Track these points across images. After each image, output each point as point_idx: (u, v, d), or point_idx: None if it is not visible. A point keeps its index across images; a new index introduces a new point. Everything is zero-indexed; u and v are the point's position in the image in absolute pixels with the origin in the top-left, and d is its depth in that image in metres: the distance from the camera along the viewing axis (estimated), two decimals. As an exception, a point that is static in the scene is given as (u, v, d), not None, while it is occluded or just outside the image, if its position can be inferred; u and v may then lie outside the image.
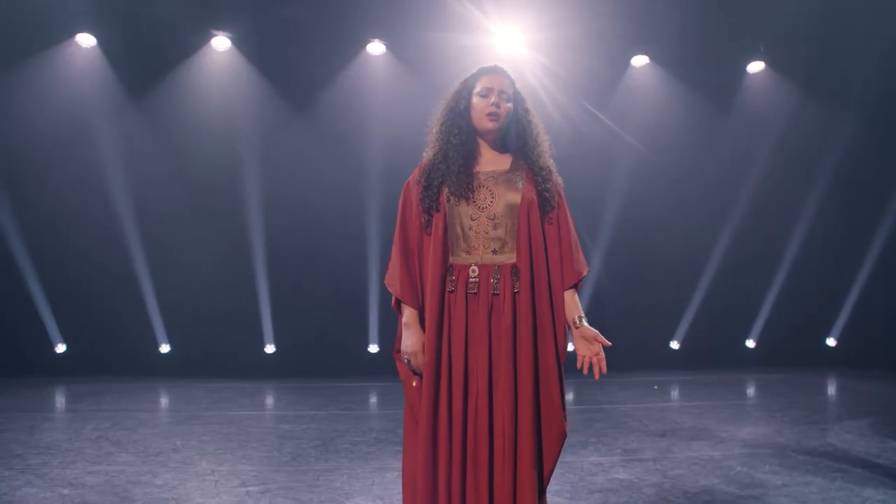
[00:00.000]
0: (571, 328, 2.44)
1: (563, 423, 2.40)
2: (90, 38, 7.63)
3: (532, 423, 2.33)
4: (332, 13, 7.75)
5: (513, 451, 2.32)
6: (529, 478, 2.30)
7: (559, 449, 2.40)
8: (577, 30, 7.79)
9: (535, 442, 2.34)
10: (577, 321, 2.42)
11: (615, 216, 8.42)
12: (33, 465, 4.26)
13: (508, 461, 2.32)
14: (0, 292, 7.76)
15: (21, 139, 7.54)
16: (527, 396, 2.34)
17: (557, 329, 2.43)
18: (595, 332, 2.41)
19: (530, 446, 2.31)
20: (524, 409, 2.33)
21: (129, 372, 7.89)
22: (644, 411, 6.14)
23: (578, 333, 2.42)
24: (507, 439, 2.32)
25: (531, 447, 2.32)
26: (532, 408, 2.34)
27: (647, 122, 8.42)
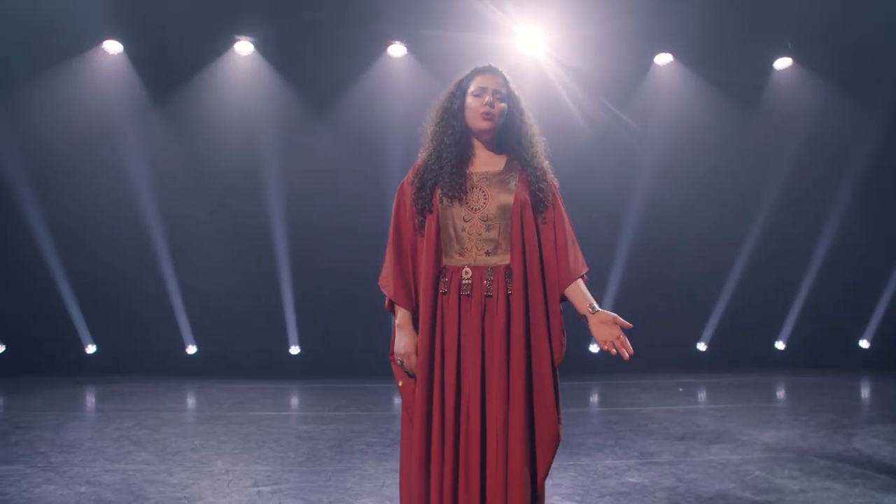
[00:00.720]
0: (587, 316, 2.38)
1: (556, 427, 2.37)
2: (117, 44, 7.77)
3: (524, 426, 2.30)
4: (353, 16, 7.81)
5: (504, 454, 2.30)
6: (520, 481, 2.28)
7: (553, 453, 2.38)
8: (598, 29, 7.72)
9: (527, 445, 2.31)
10: (591, 308, 2.38)
11: (638, 216, 8.32)
12: (55, 462, 4.35)
13: (500, 464, 2.30)
14: (32, 293, 7.93)
15: (50, 143, 7.71)
16: (519, 399, 2.32)
17: (552, 332, 2.41)
18: (613, 316, 2.36)
19: (521, 449, 2.29)
20: (516, 412, 2.31)
21: (156, 372, 8.01)
22: (666, 414, 6.05)
23: (596, 319, 2.36)
24: (499, 442, 2.30)
25: (522, 450, 2.29)
26: (524, 411, 2.32)
27: (671, 121, 8.31)
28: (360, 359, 8.28)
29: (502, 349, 2.34)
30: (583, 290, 2.43)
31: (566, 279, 2.43)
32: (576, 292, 2.42)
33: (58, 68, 7.66)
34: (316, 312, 8.32)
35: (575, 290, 2.43)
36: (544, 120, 8.53)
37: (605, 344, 2.35)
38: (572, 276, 2.43)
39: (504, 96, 2.47)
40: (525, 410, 2.32)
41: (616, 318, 2.35)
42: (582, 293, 2.42)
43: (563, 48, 7.90)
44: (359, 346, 8.31)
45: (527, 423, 2.32)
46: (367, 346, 8.31)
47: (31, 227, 7.67)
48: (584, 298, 2.41)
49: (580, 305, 2.41)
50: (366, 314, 8.30)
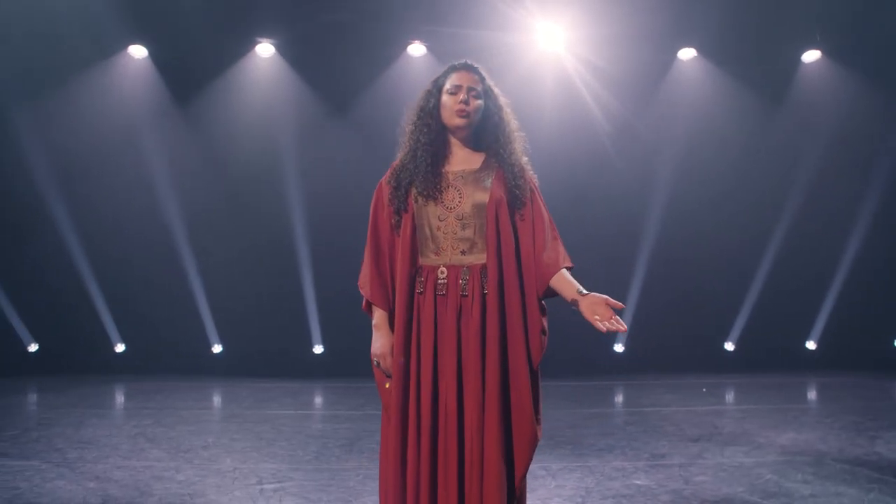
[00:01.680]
0: (578, 300, 2.29)
1: (534, 427, 2.34)
2: (142, 49, 7.94)
3: (499, 426, 2.28)
4: (372, 16, 7.82)
5: (480, 454, 2.27)
6: (496, 481, 2.25)
7: (530, 453, 2.34)
8: (620, 25, 7.60)
9: (503, 445, 2.29)
10: (579, 292, 2.30)
11: (660, 214, 8.18)
12: (70, 458, 4.45)
13: (476, 464, 2.28)
14: (62, 293, 8.13)
15: (77, 146, 7.91)
16: (494, 399, 2.29)
17: (530, 332, 2.37)
18: (604, 297, 2.27)
19: (497, 449, 2.26)
20: (491, 412, 2.28)
21: (183, 371, 8.16)
22: (685, 415, 5.94)
23: (587, 301, 2.27)
24: (475, 443, 2.28)
25: (498, 450, 2.27)
26: (499, 411, 2.29)
27: (694, 117, 8.15)
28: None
29: (477, 349, 2.31)
30: (569, 279, 2.36)
31: (548, 272, 2.36)
32: (561, 282, 2.36)
33: (85, 73, 7.85)
34: (339, 311, 8.36)
35: (560, 280, 2.36)
36: (564, 118, 8.52)
37: (597, 322, 2.25)
38: (554, 268, 2.36)
39: (480, 93, 2.45)
40: (500, 410, 2.29)
41: (607, 299, 2.27)
42: (568, 281, 2.35)
43: (584, 45, 7.81)
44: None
45: (502, 423, 2.29)
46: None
47: (60, 227, 7.87)
48: (571, 285, 2.34)
49: (568, 292, 2.33)
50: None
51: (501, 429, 2.29)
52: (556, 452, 4.69)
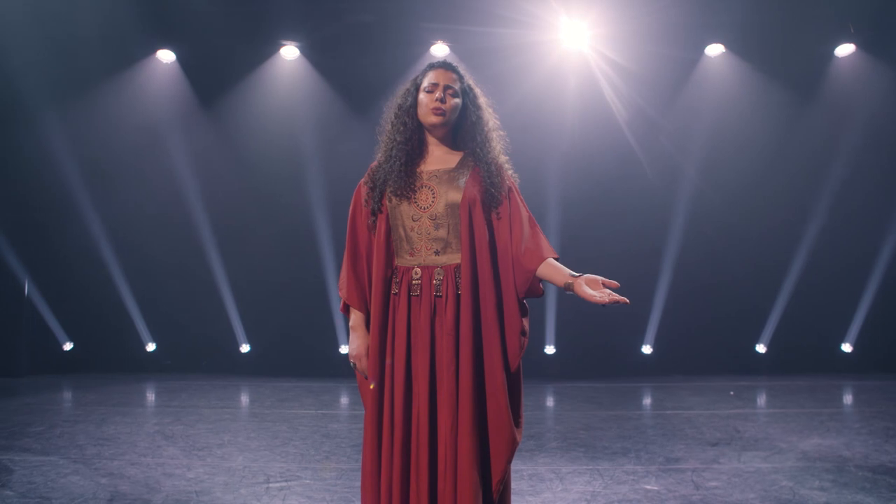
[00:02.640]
0: (572, 282, 2.22)
1: (511, 431, 2.28)
2: (170, 53, 8.09)
3: (472, 429, 2.23)
4: (395, 17, 7.85)
5: (453, 457, 2.25)
6: (469, 485, 2.21)
7: (507, 457, 2.28)
8: (646, 21, 7.50)
9: (477, 448, 2.24)
10: (571, 275, 2.25)
11: (687, 215, 8.03)
12: (88, 455, 4.55)
13: (450, 468, 2.25)
14: (95, 293, 8.33)
15: (108, 148, 8.11)
16: (467, 401, 2.25)
17: (507, 333, 2.32)
18: (600, 278, 2.21)
19: (470, 453, 2.22)
20: (464, 415, 2.24)
21: (213, 369, 8.30)
22: (707, 418, 5.81)
23: (581, 281, 2.21)
24: (448, 446, 2.25)
25: (471, 454, 2.22)
26: (472, 414, 2.25)
27: (722, 115, 7.98)
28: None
29: (451, 350, 2.28)
30: (557, 265, 2.30)
31: (531, 262, 2.30)
32: (549, 269, 2.29)
33: (115, 77, 8.05)
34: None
35: (547, 267, 2.29)
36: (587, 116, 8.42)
37: (595, 297, 2.17)
38: (538, 257, 2.30)
39: (457, 92, 2.42)
40: (473, 413, 2.25)
41: (603, 279, 2.21)
42: (556, 267, 2.29)
43: (609, 43, 7.71)
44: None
45: (475, 426, 2.25)
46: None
47: (91, 228, 8.06)
48: (561, 270, 2.28)
49: (559, 277, 2.27)
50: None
51: (475, 432, 2.25)
52: (569, 455, 4.63)
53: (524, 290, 2.35)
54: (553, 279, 2.29)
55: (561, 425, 5.76)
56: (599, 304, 2.17)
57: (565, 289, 2.26)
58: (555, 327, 8.44)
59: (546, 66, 7.89)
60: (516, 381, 2.36)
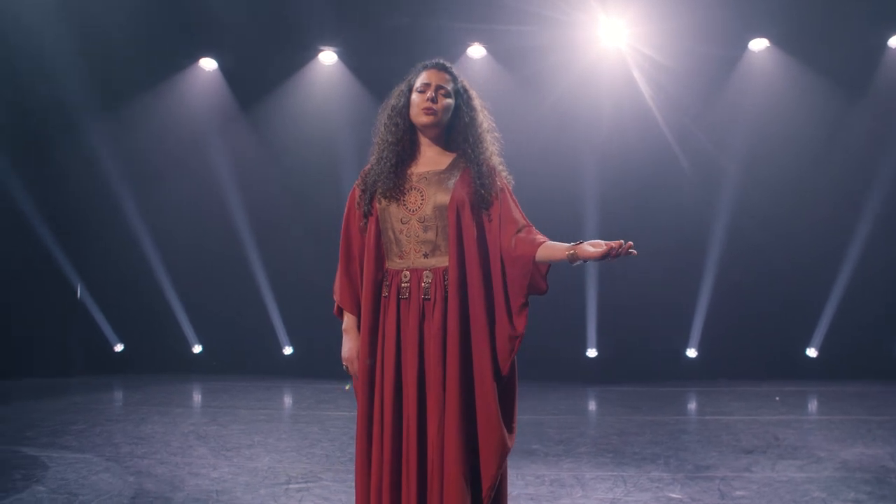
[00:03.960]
0: (575, 249, 2.15)
1: (501, 436, 2.23)
2: (212, 62, 8.31)
3: (459, 434, 2.20)
4: (432, 20, 7.85)
5: (440, 461, 2.22)
6: (456, 491, 2.18)
7: (497, 462, 2.23)
8: (687, 17, 7.31)
9: (464, 453, 2.20)
10: (571, 246, 2.17)
11: (729, 216, 7.79)
12: (121, 453, 4.67)
13: (436, 474, 2.22)
14: (144, 296, 8.58)
15: (153, 155, 8.37)
16: (454, 405, 2.22)
17: (497, 336, 2.28)
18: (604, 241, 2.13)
19: (457, 457, 2.19)
20: (451, 419, 2.21)
21: (256, 371, 8.44)
22: (746, 424, 5.63)
23: (585, 244, 2.14)
24: (436, 450, 2.22)
25: (458, 458, 2.19)
26: (459, 418, 2.21)
27: (768, 111, 7.72)
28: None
29: (438, 354, 2.25)
30: (553, 244, 2.23)
31: (527, 251, 2.24)
32: (547, 249, 2.23)
33: (161, 85, 8.33)
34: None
35: (545, 249, 2.23)
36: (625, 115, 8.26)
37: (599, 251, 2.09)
38: (532, 244, 2.24)
39: (449, 92, 2.39)
40: (460, 417, 2.21)
41: (608, 243, 2.11)
42: (553, 246, 2.22)
43: (648, 40, 7.55)
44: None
45: (462, 431, 2.21)
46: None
47: (137, 233, 8.31)
48: (559, 246, 2.21)
49: (559, 251, 2.19)
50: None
51: (462, 436, 2.21)
52: (596, 460, 4.55)
53: (524, 283, 2.27)
54: (553, 256, 2.23)
55: (593, 430, 5.66)
56: (602, 256, 2.09)
57: (570, 260, 2.18)
58: (596, 330, 8.30)
59: (583, 64, 7.78)
60: (509, 385, 2.32)
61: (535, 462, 4.51)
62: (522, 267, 2.27)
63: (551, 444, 5.03)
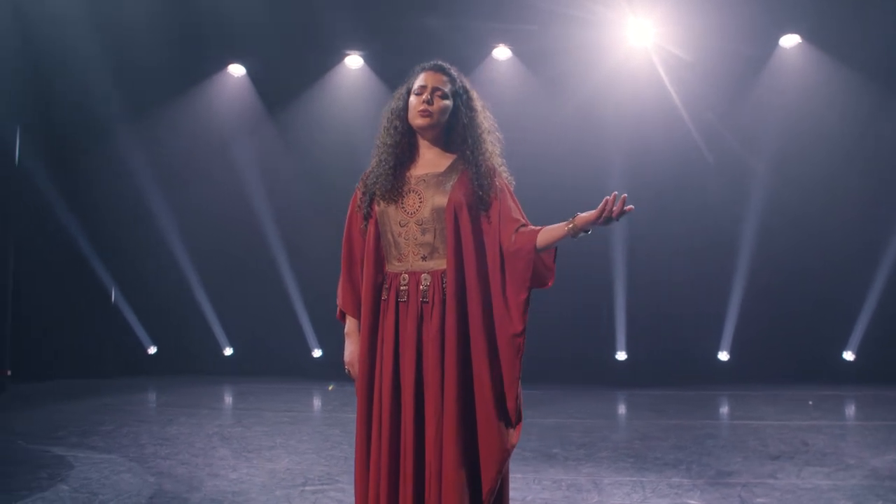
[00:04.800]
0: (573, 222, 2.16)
1: (502, 440, 2.20)
2: (240, 67, 8.45)
3: (457, 438, 2.17)
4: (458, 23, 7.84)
5: (438, 465, 2.20)
6: (455, 495, 2.16)
7: (498, 467, 2.20)
8: (715, 14, 7.20)
9: (463, 458, 2.18)
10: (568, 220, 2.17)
11: (760, 217, 7.63)
12: (145, 454, 4.75)
13: (434, 478, 2.20)
14: (177, 299, 8.73)
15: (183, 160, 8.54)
16: (451, 409, 2.20)
17: (499, 339, 2.25)
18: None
19: (455, 463, 2.16)
20: (449, 424, 2.19)
21: (288, 374, 8.52)
22: (775, 429, 5.49)
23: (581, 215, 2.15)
24: (433, 454, 2.20)
25: (456, 463, 2.16)
26: (457, 422, 2.19)
27: (800, 109, 7.55)
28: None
29: (436, 357, 2.24)
30: (550, 227, 2.22)
31: (527, 243, 2.22)
32: (547, 234, 2.22)
33: (191, 90, 8.53)
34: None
35: (545, 234, 2.22)
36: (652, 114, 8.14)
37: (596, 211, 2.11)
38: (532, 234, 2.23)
39: (447, 93, 2.37)
40: (458, 421, 2.19)
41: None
42: (551, 228, 2.22)
43: (676, 39, 7.44)
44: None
45: (460, 435, 2.19)
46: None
47: (169, 237, 8.47)
48: (557, 225, 2.20)
49: (559, 230, 2.19)
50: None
51: (460, 441, 2.19)
52: (616, 465, 4.48)
53: (527, 276, 2.24)
54: (555, 236, 2.21)
55: (617, 434, 5.58)
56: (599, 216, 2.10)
57: (571, 234, 2.17)
58: (626, 332, 8.20)
59: (610, 64, 7.70)
60: (505, 387, 2.28)
61: (555, 466, 4.46)
62: (524, 258, 2.24)
63: (573, 447, 4.98)
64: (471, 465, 2.22)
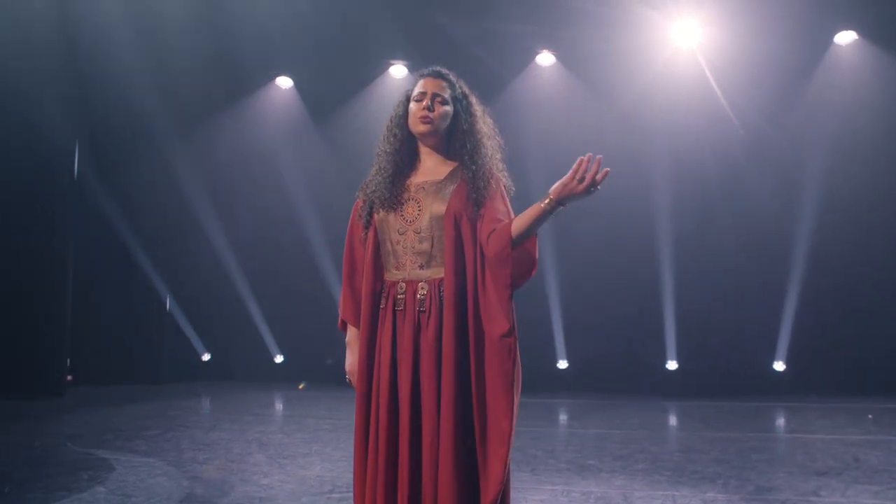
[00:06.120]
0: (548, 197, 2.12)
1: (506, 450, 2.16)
2: (288, 80, 8.62)
3: (455, 452, 2.14)
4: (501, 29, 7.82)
5: (434, 477, 2.16)
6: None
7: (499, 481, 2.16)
8: (766, 11, 6.97)
9: (461, 470, 2.14)
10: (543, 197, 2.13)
11: (815, 217, 7.32)
12: (184, 459, 4.85)
13: (430, 489, 2.17)
14: (227, 308, 8.95)
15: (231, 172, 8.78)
16: (449, 419, 2.16)
17: (488, 340, 2.21)
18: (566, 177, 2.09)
19: (452, 473, 2.13)
20: (446, 433, 2.15)
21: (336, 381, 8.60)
22: (827, 443, 5.24)
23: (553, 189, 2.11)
24: (429, 465, 2.17)
25: (453, 474, 2.13)
26: (454, 432, 2.15)
27: (856, 109, 7.24)
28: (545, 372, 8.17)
29: (432, 367, 2.21)
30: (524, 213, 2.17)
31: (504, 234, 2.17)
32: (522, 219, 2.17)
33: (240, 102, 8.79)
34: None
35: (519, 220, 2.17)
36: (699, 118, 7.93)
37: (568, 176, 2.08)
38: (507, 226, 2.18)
39: (447, 99, 2.35)
40: (455, 431, 2.15)
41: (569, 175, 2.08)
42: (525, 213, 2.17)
43: (723, 40, 7.24)
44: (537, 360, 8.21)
45: (458, 450, 2.15)
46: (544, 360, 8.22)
47: (219, 248, 8.69)
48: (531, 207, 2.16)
49: (533, 208, 2.14)
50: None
51: (458, 452, 2.15)
52: (651, 478, 4.34)
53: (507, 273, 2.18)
54: (530, 216, 2.16)
55: (658, 446, 5.42)
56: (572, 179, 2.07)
57: (549, 209, 2.12)
58: (675, 340, 7.99)
59: (656, 67, 7.54)
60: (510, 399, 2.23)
61: (587, 478, 4.36)
62: (502, 250, 2.18)
63: (609, 459, 4.86)
64: (470, 476, 2.18)
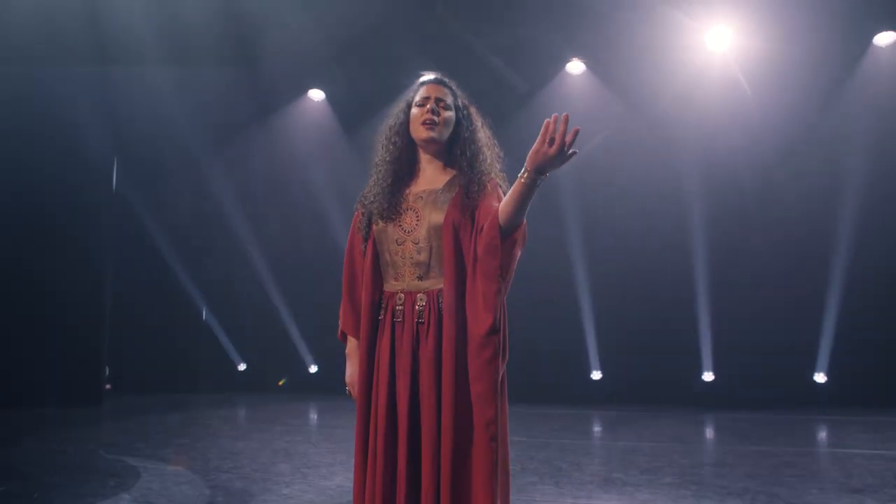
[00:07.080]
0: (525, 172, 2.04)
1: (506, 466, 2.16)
2: (320, 92, 8.75)
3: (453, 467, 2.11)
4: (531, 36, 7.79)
5: (435, 490, 2.13)
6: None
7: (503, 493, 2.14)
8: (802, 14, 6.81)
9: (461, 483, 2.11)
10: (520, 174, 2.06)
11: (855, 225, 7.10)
12: (209, 467, 4.91)
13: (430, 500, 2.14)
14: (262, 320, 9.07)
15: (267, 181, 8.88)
16: (449, 430, 2.13)
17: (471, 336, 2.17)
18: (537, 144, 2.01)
19: (450, 488, 2.10)
20: (446, 447, 2.13)
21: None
22: (866, 458, 5.05)
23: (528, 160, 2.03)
24: (429, 479, 2.13)
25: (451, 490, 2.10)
26: (452, 444, 2.12)
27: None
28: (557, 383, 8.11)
29: (431, 379, 2.18)
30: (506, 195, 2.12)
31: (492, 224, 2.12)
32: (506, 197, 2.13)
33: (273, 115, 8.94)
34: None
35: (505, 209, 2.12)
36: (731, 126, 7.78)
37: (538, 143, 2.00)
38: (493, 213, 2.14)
39: (449, 105, 2.33)
40: (454, 443, 2.12)
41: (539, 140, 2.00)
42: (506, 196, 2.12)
43: (757, 43, 7.08)
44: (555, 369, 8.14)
45: (459, 462, 2.12)
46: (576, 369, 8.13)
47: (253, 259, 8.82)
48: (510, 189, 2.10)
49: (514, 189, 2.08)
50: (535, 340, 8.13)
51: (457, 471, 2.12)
52: (676, 493, 4.23)
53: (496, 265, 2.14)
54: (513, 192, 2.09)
55: (688, 459, 5.29)
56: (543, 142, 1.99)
57: (529, 182, 2.05)
58: (712, 350, 7.81)
59: (689, 71, 7.42)
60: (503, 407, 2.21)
61: (609, 492, 4.27)
62: (491, 241, 2.14)
63: (636, 472, 4.76)
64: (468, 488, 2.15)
